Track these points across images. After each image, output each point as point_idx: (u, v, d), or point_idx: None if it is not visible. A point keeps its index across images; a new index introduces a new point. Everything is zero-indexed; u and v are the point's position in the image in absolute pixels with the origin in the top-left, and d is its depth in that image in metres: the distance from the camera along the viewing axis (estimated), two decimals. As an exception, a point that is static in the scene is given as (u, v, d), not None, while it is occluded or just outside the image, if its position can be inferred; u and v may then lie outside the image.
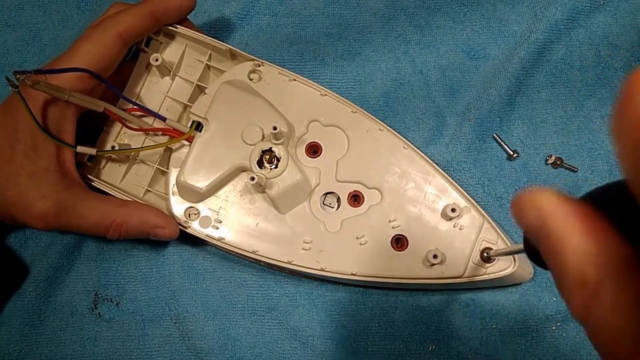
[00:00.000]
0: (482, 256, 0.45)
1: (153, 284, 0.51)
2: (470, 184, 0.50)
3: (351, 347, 0.49)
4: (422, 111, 0.52)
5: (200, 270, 0.51)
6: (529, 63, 0.52)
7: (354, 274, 0.45)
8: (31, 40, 0.57)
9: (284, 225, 0.47)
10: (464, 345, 0.48)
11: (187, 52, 0.50)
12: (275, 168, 0.46)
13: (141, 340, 0.50)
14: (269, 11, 0.56)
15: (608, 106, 0.52)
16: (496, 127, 0.52)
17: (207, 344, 0.49)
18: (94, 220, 0.45)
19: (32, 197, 0.42)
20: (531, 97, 0.52)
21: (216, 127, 0.47)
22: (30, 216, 0.43)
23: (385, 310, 0.49)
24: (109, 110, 0.46)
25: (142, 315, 0.50)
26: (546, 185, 0.50)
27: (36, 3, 0.58)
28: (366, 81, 0.53)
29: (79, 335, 0.50)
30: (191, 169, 0.47)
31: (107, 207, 0.45)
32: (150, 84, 0.50)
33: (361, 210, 0.47)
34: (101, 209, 0.45)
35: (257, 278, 0.51)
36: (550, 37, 0.52)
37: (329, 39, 0.55)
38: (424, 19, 0.54)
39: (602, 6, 0.53)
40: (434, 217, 0.46)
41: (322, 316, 0.50)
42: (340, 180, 0.47)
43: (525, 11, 0.54)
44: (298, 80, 0.49)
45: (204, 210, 0.48)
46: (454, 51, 0.53)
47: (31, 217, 0.43)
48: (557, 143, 0.51)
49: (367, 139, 0.48)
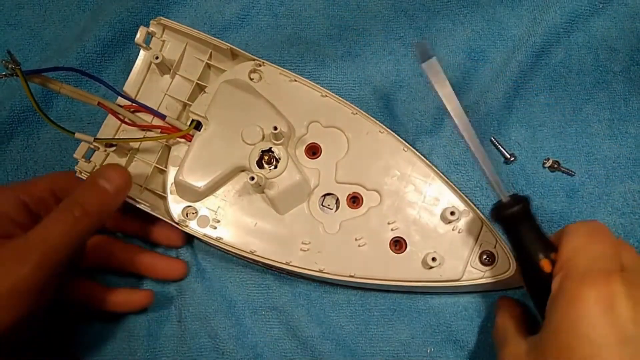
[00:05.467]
0: (481, 259, 0.45)
1: (157, 283, 0.51)
2: (468, 186, 0.50)
3: (349, 348, 0.49)
4: (422, 113, 0.52)
5: (200, 270, 0.51)
6: (527, 66, 0.52)
7: (352, 275, 0.46)
8: (32, 40, 0.57)
9: (283, 225, 0.47)
10: (462, 348, 0.48)
11: (188, 50, 0.50)
12: (275, 168, 0.46)
13: (145, 339, 0.50)
14: (269, 12, 0.56)
15: (606, 110, 0.52)
16: (494, 130, 0.52)
17: (209, 343, 0.49)
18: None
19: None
20: (529, 101, 0.52)
21: (216, 126, 0.47)
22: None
23: (383, 312, 0.49)
24: (103, 104, 0.45)
25: (147, 315, 0.50)
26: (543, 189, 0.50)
27: (37, 2, 0.57)
28: (366, 83, 0.53)
29: (84, 335, 0.50)
30: (190, 168, 0.46)
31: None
32: (149, 82, 0.50)
33: (360, 212, 0.47)
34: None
35: (257, 278, 0.51)
36: (549, 41, 0.52)
37: (329, 41, 0.55)
38: (424, 21, 0.54)
39: (601, 10, 0.53)
40: (432, 220, 0.46)
41: (321, 317, 0.50)
42: (339, 181, 0.47)
43: (524, 14, 0.54)
44: (299, 81, 0.49)
45: (202, 209, 0.47)
46: (454, 53, 0.53)
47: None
48: (554, 147, 0.51)
49: (366, 140, 0.48)
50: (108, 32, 0.55)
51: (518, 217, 0.40)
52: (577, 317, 0.34)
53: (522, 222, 0.40)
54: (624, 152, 0.51)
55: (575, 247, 0.37)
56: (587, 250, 0.37)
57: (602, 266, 0.36)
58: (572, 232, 0.38)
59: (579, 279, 0.35)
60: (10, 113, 0.53)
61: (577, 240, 0.37)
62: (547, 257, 0.38)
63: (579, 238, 0.37)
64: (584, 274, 0.35)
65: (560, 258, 0.37)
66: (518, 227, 0.40)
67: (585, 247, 0.37)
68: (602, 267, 0.35)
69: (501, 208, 0.40)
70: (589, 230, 0.38)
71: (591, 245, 0.37)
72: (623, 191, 0.50)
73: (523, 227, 0.40)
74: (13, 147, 0.54)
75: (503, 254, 0.45)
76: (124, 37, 0.55)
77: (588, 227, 0.38)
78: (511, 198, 0.40)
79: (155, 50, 0.49)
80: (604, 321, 0.33)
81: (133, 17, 0.55)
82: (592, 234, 0.38)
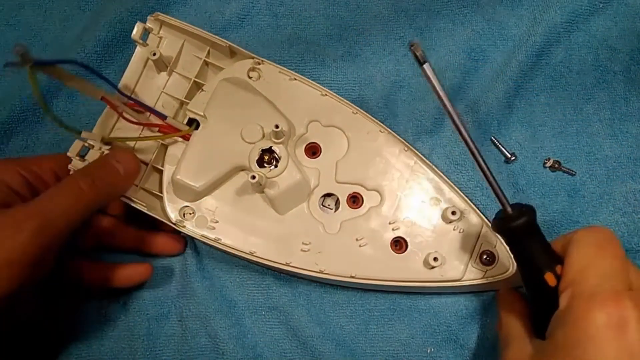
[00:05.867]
0: (482, 259, 0.45)
1: (158, 283, 0.51)
2: (469, 186, 0.50)
3: (349, 348, 0.49)
4: (422, 113, 0.52)
5: (201, 269, 0.51)
6: (527, 66, 0.52)
7: (353, 276, 0.45)
8: (32, 40, 0.56)
9: (282, 226, 0.47)
10: (462, 348, 0.48)
11: (186, 47, 0.50)
12: (275, 168, 0.46)
13: (146, 339, 0.50)
14: (269, 12, 0.56)
15: (607, 110, 0.52)
16: (494, 130, 0.52)
17: (210, 343, 0.49)
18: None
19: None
20: (530, 101, 0.52)
21: (214, 124, 0.47)
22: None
23: (383, 312, 0.49)
24: (106, 99, 0.45)
25: (147, 315, 0.50)
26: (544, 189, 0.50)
27: (37, 2, 0.57)
28: (366, 83, 0.53)
29: (85, 334, 0.50)
30: (187, 167, 0.46)
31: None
32: (146, 78, 0.50)
33: (360, 212, 0.47)
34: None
35: (257, 277, 0.51)
36: (549, 40, 0.52)
37: (329, 40, 0.55)
38: (424, 21, 0.54)
39: (601, 9, 0.53)
40: (433, 220, 0.46)
41: (321, 317, 0.50)
42: (339, 181, 0.47)
43: (524, 14, 0.54)
44: (298, 79, 0.49)
45: (199, 209, 0.47)
46: (454, 53, 0.53)
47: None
48: (555, 146, 0.51)
49: (367, 140, 0.48)
50: (108, 32, 0.55)
51: (523, 231, 0.38)
52: (585, 338, 0.33)
53: (526, 235, 0.38)
54: (624, 152, 0.51)
55: (583, 263, 0.36)
56: (596, 267, 0.35)
57: (612, 285, 0.35)
58: (579, 243, 0.37)
59: (587, 299, 0.34)
60: (10, 113, 0.53)
61: (585, 254, 0.36)
62: (551, 271, 0.37)
63: (587, 250, 0.36)
64: (593, 294, 0.34)
65: (567, 274, 0.36)
66: (522, 240, 0.39)
67: (594, 264, 0.36)
68: (612, 287, 0.34)
69: (505, 220, 0.39)
70: (597, 242, 0.37)
71: (600, 260, 0.36)
72: (624, 190, 0.50)
73: (528, 241, 0.38)
74: (13, 147, 0.54)
75: (503, 254, 0.45)
76: (124, 37, 0.55)
77: (596, 238, 0.37)
78: (515, 209, 0.39)
79: (153, 46, 0.49)
80: (614, 344, 0.33)
81: (133, 17, 0.55)
82: (600, 247, 0.36)
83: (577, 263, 0.36)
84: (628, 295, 0.34)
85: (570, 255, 0.37)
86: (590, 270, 0.35)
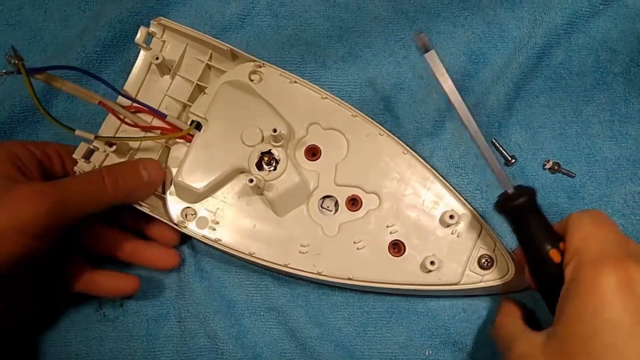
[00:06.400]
0: (480, 263, 0.45)
1: (156, 284, 0.51)
2: (468, 189, 0.50)
3: (348, 350, 0.49)
4: (422, 116, 0.52)
5: (200, 270, 0.51)
6: (528, 68, 0.52)
7: (351, 278, 0.46)
8: (32, 40, 0.57)
9: (282, 227, 0.47)
10: (461, 351, 0.48)
11: (188, 51, 0.50)
12: (274, 170, 0.46)
13: (145, 339, 0.50)
14: (269, 13, 0.56)
15: (607, 112, 0.52)
16: (495, 132, 0.52)
17: (209, 343, 0.50)
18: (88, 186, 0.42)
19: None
20: (530, 102, 0.52)
21: (215, 127, 0.47)
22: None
23: (381, 314, 0.49)
24: (104, 103, 0.45)
25: (146, 315, 0.51)
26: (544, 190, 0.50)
27: (37, 2, 0.57)
28: (366, 85, 0.53)
29: (84, 335, 0.50)
30: (189, 169, 0.47)
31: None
32: (149, 82, 0.50)
33: (359, 215, 0.47)
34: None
35: (255, 278, 0.51)
36: (549, 42, 0.52)
37: (330, 42, 0.55)
38: (424, 23, 0.54)
39: (601, 11, 0.53)
40: (431, 223, 0.46)
41: (320, 318, 0.50)
42: (338, 184, 0.47)
43: (525, 16, 0.53)
44: (299, 82, 0.49)
45: (201, 210, 0.48)
46: (454, 56, 0.53)
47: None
48: (555, 148, 0.51)
49: (366, 143, 0.48)
50: (108, 32, 0.54)
51: (524, 209, 0.39)
52: (599, 302, 0.33)
53: (528, 213, 0.40)
54: (624, 154, 0.51)
55: (584, 234, 0.37)
56: (597, 236, 0.36)
57: (615, 250, 0.35)
58: (577, 221, 0.38)
59: (594, 265, 0.35)
60: (10, 113, 0.53)
61: (584, 227, 0.37)
62: (555, 248, 0.38)
63: (586, 225, 0.37)
64: (599, 259, 0.35)
65: (570, 246, 0.37)
66: (524, 219, 0.40)
67: (595, 234, 0.37)
68: (616, 251, 0.35)
69: (507, 200, 0.40)
70: (593, 219, 0.38)
71: (599, 231, 0.37)
72: (623, 193, 0.50)
73: (529, 219, 0.39)
74: (12, 147, 0.54)
75: (502, 258, 0.45)
76: (124, 37, 0.55)
77: (592, 216, 0.38)
78: (516, 189, 0.40)
79: (156, 50, 0.49)
80: (627, 305, 0.33)
81: (133, 17, 0.55)
82: (597, 222, 0.37)
83: (578, 235, 0.37)
84: (631, 258, 0.34)
85: (571, 230, 0.38)
86: (592, 240, 0.36)
